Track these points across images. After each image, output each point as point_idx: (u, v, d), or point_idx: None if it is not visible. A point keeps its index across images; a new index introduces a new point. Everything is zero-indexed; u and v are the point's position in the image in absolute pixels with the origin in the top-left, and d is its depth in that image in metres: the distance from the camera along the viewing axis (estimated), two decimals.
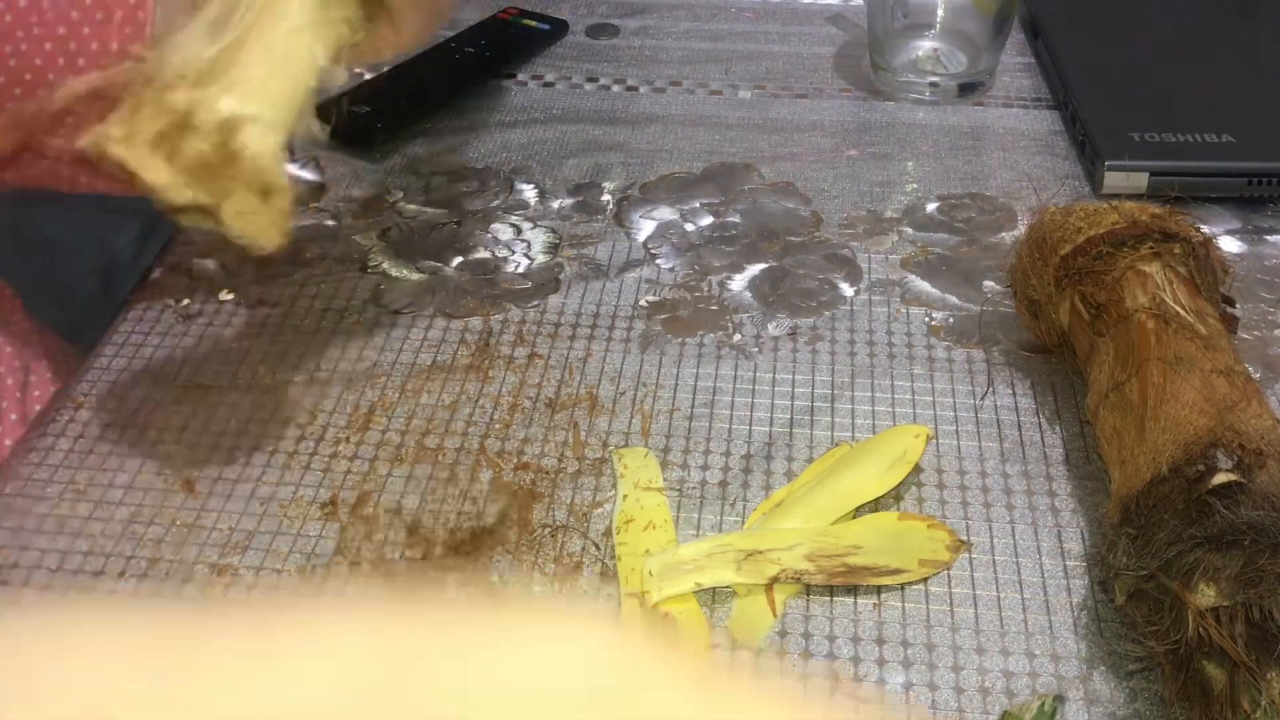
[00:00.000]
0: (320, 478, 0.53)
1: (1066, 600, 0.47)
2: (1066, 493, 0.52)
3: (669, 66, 0.86)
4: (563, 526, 0.50)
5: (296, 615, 0.25)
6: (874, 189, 0.72)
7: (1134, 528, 0.44)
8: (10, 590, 0.48)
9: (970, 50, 0.81)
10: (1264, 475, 0.43)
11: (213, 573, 0.48)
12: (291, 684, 0.23)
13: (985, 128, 0.78)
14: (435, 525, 0.50)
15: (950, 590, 0.47)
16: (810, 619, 0.46)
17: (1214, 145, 0.70)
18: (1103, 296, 0.52)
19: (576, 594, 0.47)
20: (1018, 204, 0.70)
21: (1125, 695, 0.43)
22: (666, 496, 0.51)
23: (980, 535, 0.50)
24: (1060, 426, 0.55)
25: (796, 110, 0.80)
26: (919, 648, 0.45)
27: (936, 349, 0.59)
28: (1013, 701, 0.43)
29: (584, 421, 0.55)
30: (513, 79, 0.84)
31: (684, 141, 0.77)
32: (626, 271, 0.65)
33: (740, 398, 0.57)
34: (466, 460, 0.53)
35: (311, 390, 0.57)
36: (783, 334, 0.61)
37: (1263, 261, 0.65)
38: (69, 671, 0.23)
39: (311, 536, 0.50)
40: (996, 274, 0.64)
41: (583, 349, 0.60)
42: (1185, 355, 0.48)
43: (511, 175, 0.74)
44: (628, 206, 0.71)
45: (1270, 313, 0.61)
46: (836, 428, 0.55)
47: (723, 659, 0.45)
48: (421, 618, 0.25)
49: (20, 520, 0.51)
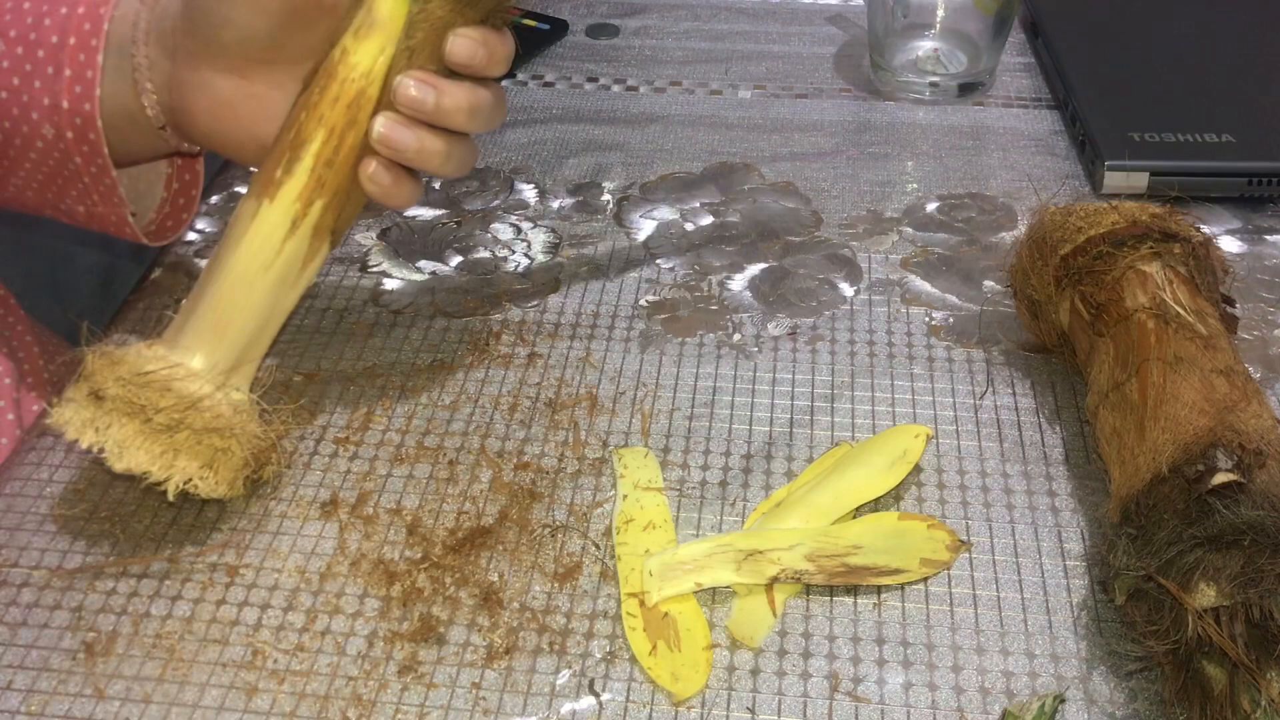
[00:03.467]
0: (320, 478, 0.53)
1: (1066, 600, 0.47)
2: (1066, 493, 0.52)
3: (669, 66, 0.86)
4: (563, 526, 0.50)
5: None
6: (874, 189, 0.72)
7: (1134, 528, 0.44)
8: (10, 590, 0.48)
9: (970, 50, 0.81)
10: (1264, 475, 0.43)
11: (213, 573, 0.48)
12: None
13: (985, 128, 0.78)
14: (435, 525, 0.50)
15: (950, 590, 0.47)
16: (810, 619, 0.46)
17: (1214, 145, 0.70)
18: (1103, 296, 0.52)
19: (576, 594, 0.47)
20: (1018, 204, 0.70)
21: (1125, 695, 0.43)
22: (666, 496, 0.51)
23: (980, 535, 0.50)
24: (1060, 426, 0.55)
25: (796, 110, 0.80)
26: (919, 648, 0.45)
27: (936, 349, 0.59)
28: (1013, 701, 0.43)
29: (584, 421, 0.55)
30: (513, 79, 0.84)
31: (684, 141, 0.77)
32: (626, 271, 0.65)
33: (740, 398, 0.57)
34: (466, 460, 0.53)
35: (311, 390, 0.57)
36: (783, 334, 0.61)
37: (1263, 261, 0.65)
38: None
39: (311, 536, 0.50)
40: (996, 274, 0.64)
41: (583, 349, 0.60)
42: (1185, 355, 0.48)
43: (511, 175, 0.74)
44: (628, 206, 0.71)
45: (1270, 313, 0.61)
46: (836, 428, 0.55)
47: (722, 659, 0.45)
48: None
49: (20, 520, 0.51)
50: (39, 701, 0.44)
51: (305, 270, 0.49)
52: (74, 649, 0.45)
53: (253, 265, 0.47)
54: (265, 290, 0.48)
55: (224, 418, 0.47)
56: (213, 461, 0.47)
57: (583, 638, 0.46)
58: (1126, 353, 0.50)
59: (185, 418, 0.46)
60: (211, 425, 0.46)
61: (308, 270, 0.49)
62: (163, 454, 0.46)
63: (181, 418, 0.46)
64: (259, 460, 0.49)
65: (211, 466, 0.47)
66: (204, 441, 0.46)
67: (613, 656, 0.45)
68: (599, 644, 0.45)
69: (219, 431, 0.47)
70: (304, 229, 0.48)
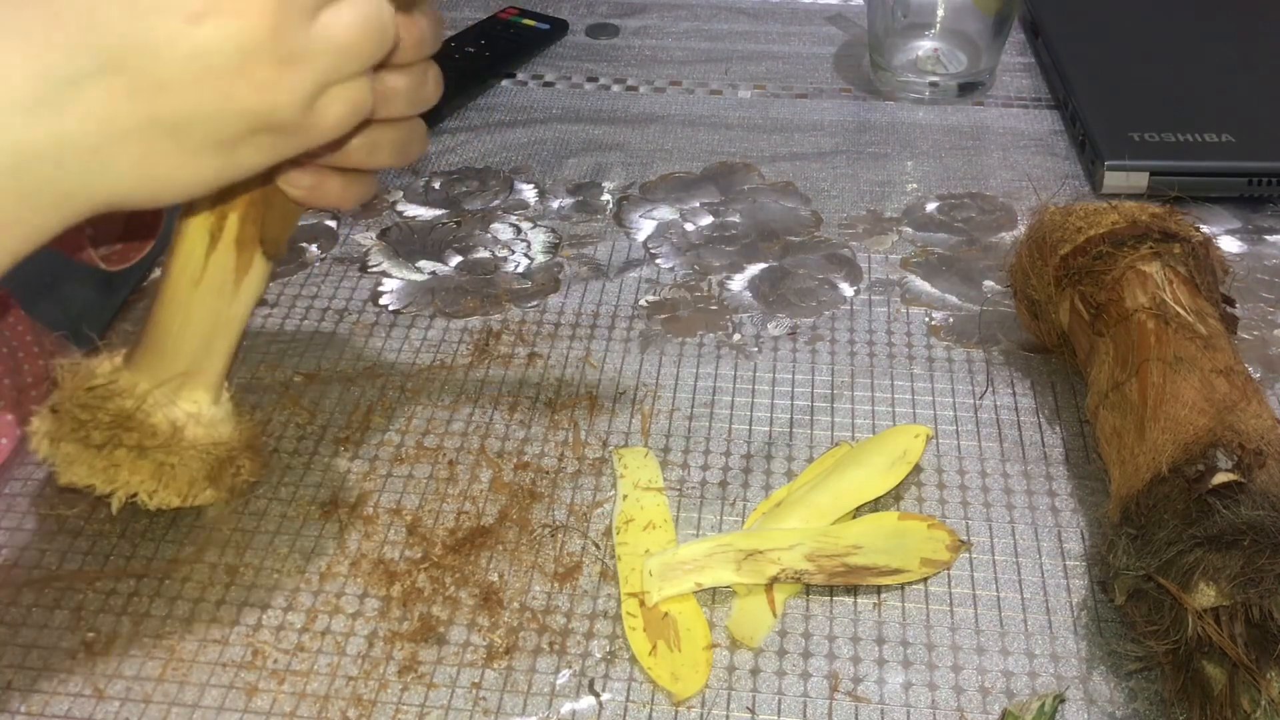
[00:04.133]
0: (320, 478, 0.53)
1: (1066, 600, 0.47)
2: (1066, 493, 0.52)
3: (669, 66, 0.86)
4: (563, 526, 0.50)
5: None
6: (874, 189, 0.72)
7: (1134, 528, 0.44)
8: (10, 590, 0.48)
9: (970, 50, 0.81)
10: (1264, 475, 0.43)
11: (213, 573, 0.48)
12: None
13: (985, 128, 0.78)
14: (435, 525, 0.50)
15: (950, 590, 0.47)
16: (810, 619, 0.46)
17: (1214, 145, 0.70)
18: (1103, 296, 0.52)
19: (576, 594, 0.47)
20: (1018, 204, 0.70)
21: (1125, 695, 0.43)
22: (666, 496, 0.51)
23: (980, 535, 0.50)
24: (1060, 426, 0.55)
25: (796, 110, 0.80)
26: (919, 648, 0.45)
27: (936, 349, 0.59)
28: (1013, 701, 0.43)
29: (584, 421, 0.55)
30: (513, 79, 0.84)
31: (684, 141, 0.77)
32: (626, 271, 0.65)
33: (740, 398, 0.57)
34: (466, 460, 0.53)
35: (311, 390, 0.57)
36: (783, 334, 0.61)
37: (1263, 261, 0.65)
38: None
39: (311, 536, 0.50)
40: (996, 274, 0.64)
41: (583, 349, 0.60)
42: (1185, 355, 0.48)
43: (511, 175, 0.74)
44: (628, 206, 0.71)
45: (1270, 313, 0.61)
46: (836, 428, 0.55)
47: (722, 659, 0.45)
48: None
49: (20, 520, 0.51)
50: (39, 701, 0.44)
51: (243, 281, 0.47)
52: (74, 649, 0.45)
53: (181, 281, 0.46)
54: (200, 304, 0.47)
55: (161, 434, 0.46)
56: (158, 475, 0.47)
57: (583, 638, 0.46)
58: (1126, 353, 0.50)
59: (120, 434, 0.46)
60: (148, 441, 0.46)
61: (247, 281, 0.47)
62: (105, 469, 0.46)
63: (117, 434, 0.46)
64: (219, 470, 0.48)
65: (157, 480, 0.47)
66: (147, 456, 0.46)
67: (613, 656, 0.45)
68: (599, 644, 0.45)
69: (162, 446, 0.46)
70: (225, 242, 0.46)
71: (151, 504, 0.47)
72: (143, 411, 0.46)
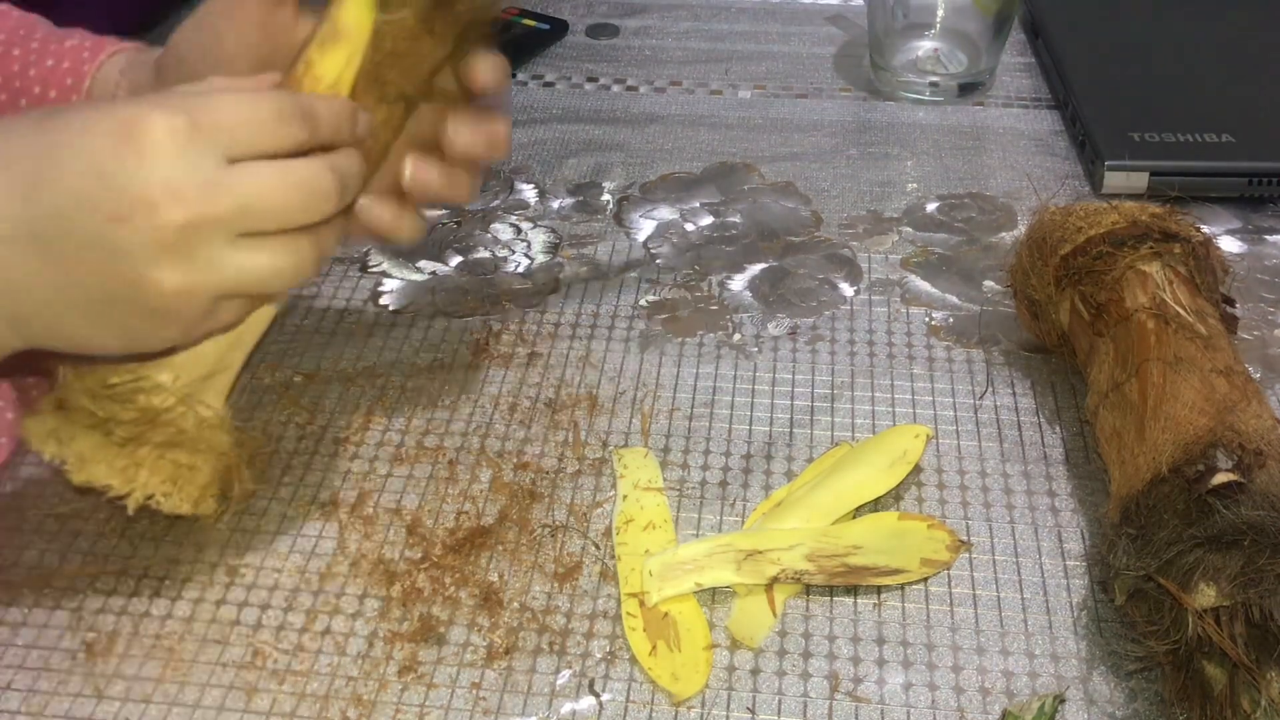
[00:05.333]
0: (320, 478, 0.53)
1: (1066, 600, 0.47)
2: (1066, 493, 0.52)
3: (669, 66, 0.86)
4: (563, 526, 0.50)
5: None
6: (874, 189, 0.72)
7: (1134, 528, 0.44)
8: (10, 590, 0.48)
9: (970, 50, 0.81)
10: (1264, 475, 0.43)
11: (213, 573, 0.48)
12: None
13: (985, 128, 0.78)
14: (435, 525, 0.50)
15: (950, 590, 0.47)
16: (810, 619, 0.46)
17: (1214, 145, 0.70)
18: (1103, 296, 0.52)
19: (576, 594, 0.47)
20: (1018, 204, 0.70)
21: (1125, 695, 0.43)
22: (666, 496, 0.51)
23: (980, 535, 0.50)
24: (1060, 426, 0.55)
25: (796, 110, 0.80)
26: (919, 648, 0.45)
27: (936, 349, 0.59)
28: (1013, 701, 0.43)
29: (584, 421, 0.55)
30: (513, 79, 0.84)
31: (684, 141, 0.77)
32: (626, 271, 0.65)
33: (740, 398, 0.57)
34: (466, 460, 0.53)
35: (311, 390, 0.57)
36: (783, 334, 0.61)
37: (1263, 261, 0.65)
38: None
39: (311, 536, 0.50)
40: (996, 274, 0.64)
41: (583, 349, 0.60)
42: (1185, 355, 0.48)
43: (511, 175, 0.74)
44: (628, 206, 0.71)
45: (1270, 313, 0.61)
46: (836, 428, 0.55)
47: (722, 659, 0.45)
48: None
49: (20, 520, 0.51)
50: (39, 701, 0.44)
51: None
52: (74, 649, 0.45)
53: None
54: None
55: (187, 433, 0.46)
56: (175, 478, 0.46)
57: (583, 638, 0.46)
58: (1126, 353, 0.50)
59: (147, 432, 0.45)
60: (175, 440, 0.46)
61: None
62: (124, 468, 0.45)
63: (143, 431, 0.45)
64: (226, 478, 0.48)
65: (174, 483, 0.46)
66: (167, 457, 0.46)
67: (613, 656, 0.45)
68: (599, 644, 0.45)
69: (182, 447, 0.46)
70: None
71: (165, 506, 0.46)
72: (171, 411, 0.46)
